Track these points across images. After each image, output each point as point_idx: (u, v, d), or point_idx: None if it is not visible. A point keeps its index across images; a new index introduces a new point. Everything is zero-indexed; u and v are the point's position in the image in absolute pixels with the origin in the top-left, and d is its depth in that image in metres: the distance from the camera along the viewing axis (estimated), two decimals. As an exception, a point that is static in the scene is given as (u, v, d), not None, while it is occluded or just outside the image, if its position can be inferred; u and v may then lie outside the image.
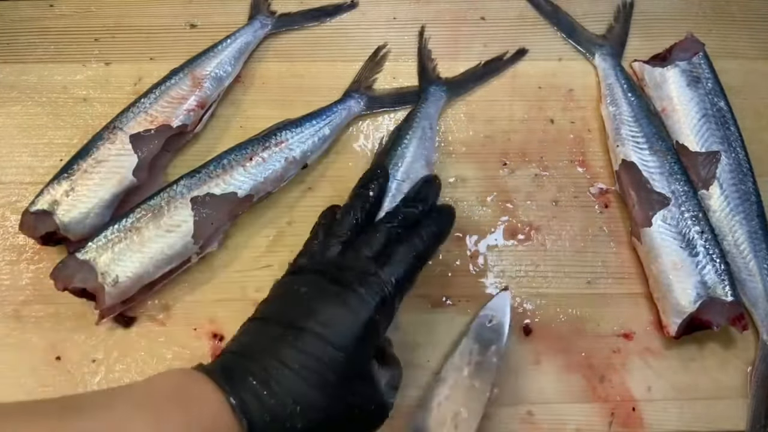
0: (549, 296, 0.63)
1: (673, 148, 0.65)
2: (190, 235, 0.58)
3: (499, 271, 0.63)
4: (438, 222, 0.53)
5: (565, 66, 0.72)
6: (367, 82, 0.69)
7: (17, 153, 0.66)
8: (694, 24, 0.73)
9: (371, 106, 0.68)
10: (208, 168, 0.61)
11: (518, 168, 0.67)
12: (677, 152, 0.65)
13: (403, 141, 0.63)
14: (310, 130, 0.64)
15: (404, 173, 0.60)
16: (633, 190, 0.63)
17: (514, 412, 0.58)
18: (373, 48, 0.72)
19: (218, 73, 0.67)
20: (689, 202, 0.61)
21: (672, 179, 0.63)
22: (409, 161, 0.61)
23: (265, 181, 0.61)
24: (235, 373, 0.41)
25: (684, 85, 0.67)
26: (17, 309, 0.60)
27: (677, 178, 0.63)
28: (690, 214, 0.61)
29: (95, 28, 0.71)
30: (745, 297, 0.61)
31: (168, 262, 0.58)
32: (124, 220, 0.58)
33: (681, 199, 0.62)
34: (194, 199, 0.59)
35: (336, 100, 0.68)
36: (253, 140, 0.63)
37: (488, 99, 0.70)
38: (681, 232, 0.60)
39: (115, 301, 0.56)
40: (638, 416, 0.59)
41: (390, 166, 0.60)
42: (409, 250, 0.49)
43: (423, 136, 0.64)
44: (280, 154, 0.62)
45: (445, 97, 0.69)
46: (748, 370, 0.60)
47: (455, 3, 0.74)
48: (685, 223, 0.61)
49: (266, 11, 0.72)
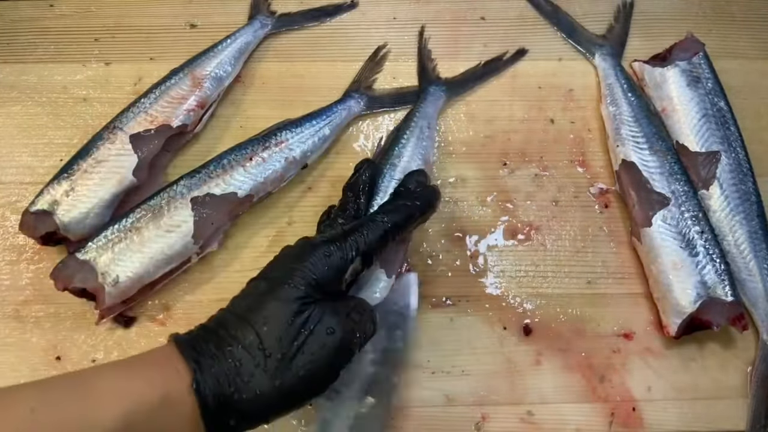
0: (549, 296, 0.63)
1: (673, 148, 0.65)
2: (190, 235, 0.58)
3: (499, 271, 0.63)
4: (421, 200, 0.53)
5: (565, 66, 0.72)
6: (367, 82, 0.69)
7: (17, 153, 0.66)
8: (694, 24, 0.73)
9: (371, 106, 0.68)
10: (208, 168, 0.61)
11: (518, 168, 0.67)
12: (677, 152, 0.65)
13: (401, 140, 0.63)
14: (310, 130, 0.64)
15: (402, 172, 0.60)
16: (633, 190, 0.63)
17: (514, 412, 0.58)
18: (373, 48, 0.72)
19: (218, 73, 0.67)
20: (689, 202, 0.61)
21: (672, 179, 0.63)
22: (406, 160, 0.62)
23: (265, 181, 0.61)
24: (191, 332, 0.45)
25: (684, 85, 0.67)
26: (17, 309, 0.60)
27: (677, 178, 0.63)
28: (690, 214, 0.61)
29: (95, 28, 0.71)
30: (745, 297, 0.61)
31: (168, 262, 0.58)
32: (124, 220, 0.58)
33: (681, 199, 0.62)
34: (194, 199, 0.59)
35: (336, 100, 0.68)
36: (253, 140, 0.63)
37: (488, 99, 0.70)
38: (681, 232, 0.60)
39: (115, 301, 0.56)
40: (638, 416, 0.59)
41: (387, 165, 0.61)
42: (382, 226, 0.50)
43: (421, 136, 0.64)
44: (280, 154, 0.62)
45: (445, 97, 0.69)
46: (748, 370, 0.60)
47: (455, 3, 0.74)
48: (685, 223, 0.61)
49: (266, 11, 0.72)
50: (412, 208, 0.52)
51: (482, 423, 0.58)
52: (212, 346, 0.43)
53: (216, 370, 0.42)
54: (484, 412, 0.58)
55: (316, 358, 0.44)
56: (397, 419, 0.57)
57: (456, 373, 0.59)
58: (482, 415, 0.58)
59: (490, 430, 0.58)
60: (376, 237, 0.49)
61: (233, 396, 0.42)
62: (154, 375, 0.42)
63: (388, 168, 0.60)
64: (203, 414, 0.41)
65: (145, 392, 0.40)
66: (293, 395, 0.44)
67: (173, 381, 0.41)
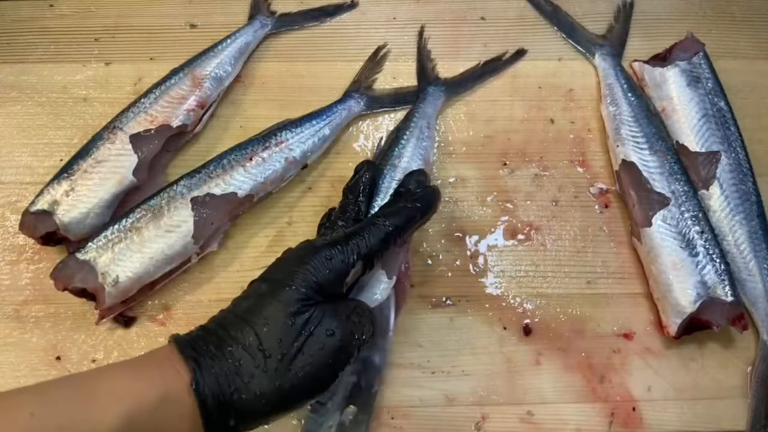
0: (549, 296, 0.63)
1: (673, 148, 0.65)
2: (190, 235, 0.58)
3: (499, 271, 0.63)
4: (422, 202, 0.53)
5: (565, 66, 0.72)
6: (367, 82, 0.69)
7: (17, 153, 0.66)
8: (694, 24, 0.73)
9: (371, 105, 0.68)
10: (208, 168, 0.61)
11: (518, 168, 0.67)
12: (677, 152, 0.65)
13: (401, 141, 0.63)
14: (310, 130, 0.64)
15: (402, 173, 0.60)
16: (633, 190, 0.63)
17: (514, 412, 0.58)
18: (373, 48, 0.72)
19: (218, 73, 0.67)
20: (689, 202, 0.61)
21: (672, 179, 0.63)
22: (406, 161, 0.62)
23: (266, 181, 0.61)
24: (197, 343, 0.44)
25: (684, 85, 0.67)
26: (17, 309, 0.60)
27: (677, 178, 0.63)
28: (690, 214, 0.61)
29: (95, 28, 0.71)
30: (745, 297, 0.61)
31: (168, 262, 0.58)
32: (124, 220, 0.58)
33: (681, 199, 0.62)
34: (194, 199, 0.59)
35: (336, 100, 0.68)
36: (253, 140, 0.63)
37: (488, 99, 0.70)
38: (681, 232, 0.60)
39: (115, 301, 0.56)
40: (638, 416, 0.59)
41: (387, 166, 0.61)
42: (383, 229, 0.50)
43: (420, 136, 0.64)
44: (281, 154, 0.62)
45: (444, 97, 0.69)
46: (748, 370, 0.60)
47: (455, 3, 0.74)
48: (685, 223, 0.61)
49: (266, 11, 0.72)
50: (413, 210, 0.52)
51: (482, 423, 0.58)
52: (212, 347, 0.43)
53: (216, 371, 0.42)
54: (484, 412, 0.58)
55: (316, 360, 0.44)
56: (397, 419, 0.58)
57: (456, 373, 0.59)
58: (482, 415, 0.58)
59: (490, 430, 0.58)
60: (378, 240, 0.49)
61: (233, 396, 0.42)
62: (154, 375, 0.42)
63: (388, 169, 0.60)
64: (203, 414, 0.41)
65: (145, 392, 0.40)
66: (293, 396, 0.44)
67: (173, 381, 0.42)
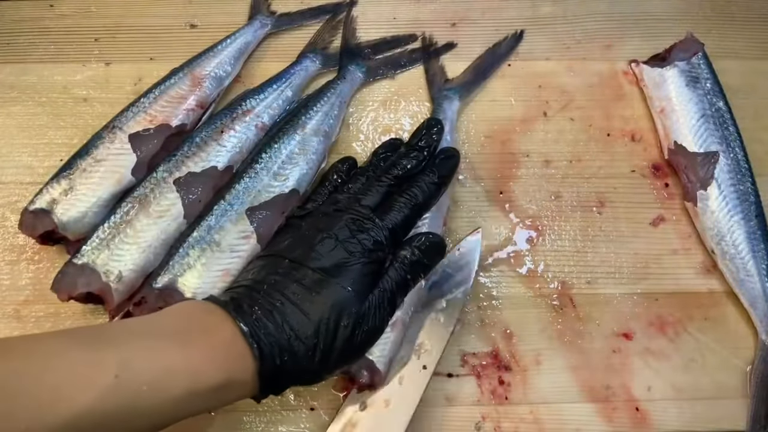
0: (549, 296, 0.62)
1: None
2: (181, 216, 0.58)
3: (499, 271, 0.63)
4: (440, 168, 0.56)
5: (565, 66, 0.72)
6: (323, 44, 0.71)
7: (17, 153, 0.66)
8: (694, 24, 0.73)
9: (326, 64, 0.70)
10: (183, 149, 0.61)
11: (518, 168, 0.67)
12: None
13: (310, 111, 0.64)
14: (273, 95, 0.65)
15: (302, 143, 0.61)
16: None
17: (515, 412, 0.58)
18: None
19: (218, 73, 0.67)
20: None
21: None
22: (309, 133, 0.63)
23: (241, 150, 0.62)
24: (243, 303, 0.46)
25: (683, 85, 0.68)
26: (17, 309, 0.60)
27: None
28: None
29: (95, 28, 0.71)
30: (743, 297, 0.61)
31: (166, 247, 0.58)
32: (113, 216, 0.58)
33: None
34: (177, 180, 0.59)
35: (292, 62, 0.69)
36: (220, 114, 0.64)
37: (488, 99, 0.70)
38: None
39: (123, 297, 0.56)
40: (639, 416, 0.59)
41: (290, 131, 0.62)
42: (408, 202, 0.53)
43: (329, 113, 0.65)
44: (250, 123, 0.63)
45: (362, 78, 0.69)
46: (748, 370, 0.60)
47: (455, 3, 0.75)
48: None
49: (266, 11, 0.72)
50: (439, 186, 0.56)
51: (482, 423, 0.58)
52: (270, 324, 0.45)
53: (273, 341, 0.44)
54: (484, 412, 0.58)
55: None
56: (397, 419, 0.58)
57: (456, 374, 0.59)
58: (482, 415, 0.58)
59: (490, 430, 0.58)
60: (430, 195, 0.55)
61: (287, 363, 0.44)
62: (218, 356, 0.43)
63: (289, 134, 0.62)
64: (261, 388, 0.44)
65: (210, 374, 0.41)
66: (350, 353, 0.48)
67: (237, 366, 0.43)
